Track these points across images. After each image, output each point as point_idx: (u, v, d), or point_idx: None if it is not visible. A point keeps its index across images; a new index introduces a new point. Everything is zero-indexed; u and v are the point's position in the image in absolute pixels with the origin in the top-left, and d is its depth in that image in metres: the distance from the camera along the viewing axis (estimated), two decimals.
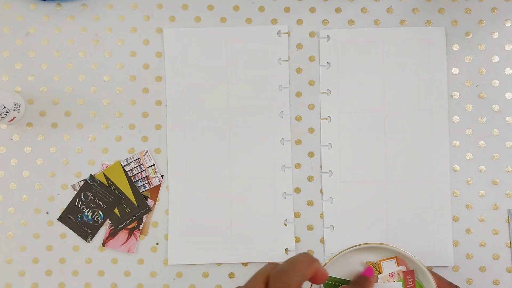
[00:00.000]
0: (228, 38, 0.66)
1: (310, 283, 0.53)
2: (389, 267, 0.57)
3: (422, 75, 0.65)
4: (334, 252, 0.64)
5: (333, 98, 0.65)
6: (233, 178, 0.65)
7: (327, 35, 0.66)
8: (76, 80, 0.66)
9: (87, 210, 0.65)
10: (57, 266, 0.65)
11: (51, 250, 0.65)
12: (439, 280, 0.56)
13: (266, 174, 0.65)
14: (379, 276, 0.57)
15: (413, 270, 0.56)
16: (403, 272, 0.56)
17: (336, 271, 0.57)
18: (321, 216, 0.65)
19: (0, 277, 0.65)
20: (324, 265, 0.55)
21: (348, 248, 0.56)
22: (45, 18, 0.66)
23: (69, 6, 0.66)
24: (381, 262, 0.57)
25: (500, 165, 0.65)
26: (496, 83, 0.65)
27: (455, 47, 0.65)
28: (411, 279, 0.56)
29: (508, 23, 0.65)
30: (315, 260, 0.43)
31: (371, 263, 0.57)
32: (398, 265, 0.57)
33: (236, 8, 0.66)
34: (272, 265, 0.44)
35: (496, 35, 0.65)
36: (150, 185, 0.65)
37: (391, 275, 0.57)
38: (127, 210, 0.65)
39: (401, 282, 0.57)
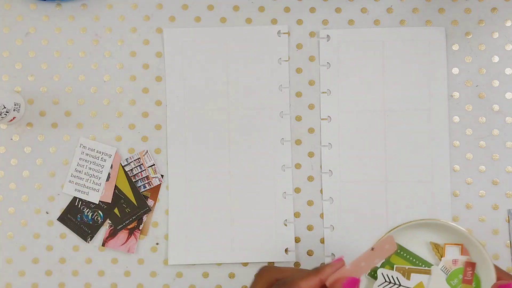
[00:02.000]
0: (228, 38, 0.66)
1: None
2: (452, 252, 0.54)
3: (422, 75, 0.65)
4: (335, 252, 0.64)
5: (333, 98, 0.65)
6: (233, 178, 0.65)
7: (327, 35, 0.66)
8: (76, 80, 0.66)
9: (87, 210, 0.65)
10: (57, 266, 0.65)
11: (51, 250, 0.65)
12: (500, 272, 0.54)
13: (266, 174, 0.65)
14: (442, 259, 0.54)
15: (475, 263, 0.53)
16: (466, 262, 0.53)
17: (402, 243, 0.55)
18: (321, 216, 0.65)
19: (0, 277, 0.65)
20: (390, 231, 0.52)
21: (414, 221, 0.52)
22: (45, 18, 0.66)
23: (69, 6, 0.66)
24: (446, 245, 0.54)
25: (500, 165, 0.65)
26: (496, 83, 0.65)
27: (455, 47, 0.65)
28: (471, 272, 0.53)
29: (508, 23, 0.65)
30: (318, 272, 0.46)
31: (435, 244, 0.54)
32: (462, 254, 0.54)
33: (236, 8, 0.66)
34: (273, 271, 0.46)
35: (496, 35, 0.65)
36: (150, 185, 0.65)
37: (455, 261, 0.54)
38: (127, 210, 0.65)
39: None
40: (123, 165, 0.65)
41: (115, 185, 0.65)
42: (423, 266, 0.54)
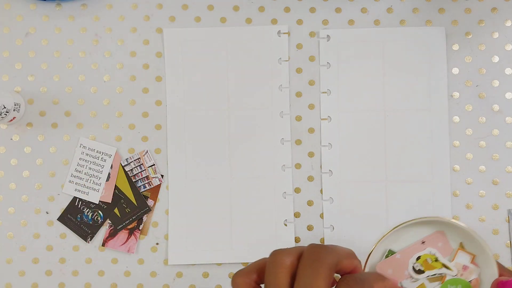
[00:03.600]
0: (228, 38, 0.66)
1: None
2: (463, 258, 0.53)
3: (422, 75, 0.65)
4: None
5: (333, 98, 0.65)
6: (233, 178, 0.65)
7: (327, 35, 0.66)
8: (76, 80, 0.66)
9: (87, 210, 0.65)
10: (57, 266, 0.65)
11: (51, 250, 0.65)
12: (502, 269, 0.52)
13: (266, 174, 0.65)
14: (453, 261, 0.53)
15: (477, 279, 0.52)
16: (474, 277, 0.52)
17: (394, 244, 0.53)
18: (321, 216, 0.65)
19: (0, 277, 0.65)
20: (394, 228, 0.51)
21: (417, 219, 0.51)
22: (45, 18, 0.66)
23: (69, 6, 0.66)
24: (459, 251, 0.53)
25: (500, 165, 0.65)
26: (496, 83, 0.65)
27: (455, 47, 0.65)
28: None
29: (508, 23, 0.65)
30: (356, 258, 0.41)
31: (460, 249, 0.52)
32: (472, 263, 0.52)
33: (236, 8, 0.66)
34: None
35: (496, 35, 0.65)
36: (150, 185, 0.65)
37: (465, 268, 0.52)
38: (127, 210, 0.65)
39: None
40: (123, 165, 0.65)
41: (115, 185, 0.65)
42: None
